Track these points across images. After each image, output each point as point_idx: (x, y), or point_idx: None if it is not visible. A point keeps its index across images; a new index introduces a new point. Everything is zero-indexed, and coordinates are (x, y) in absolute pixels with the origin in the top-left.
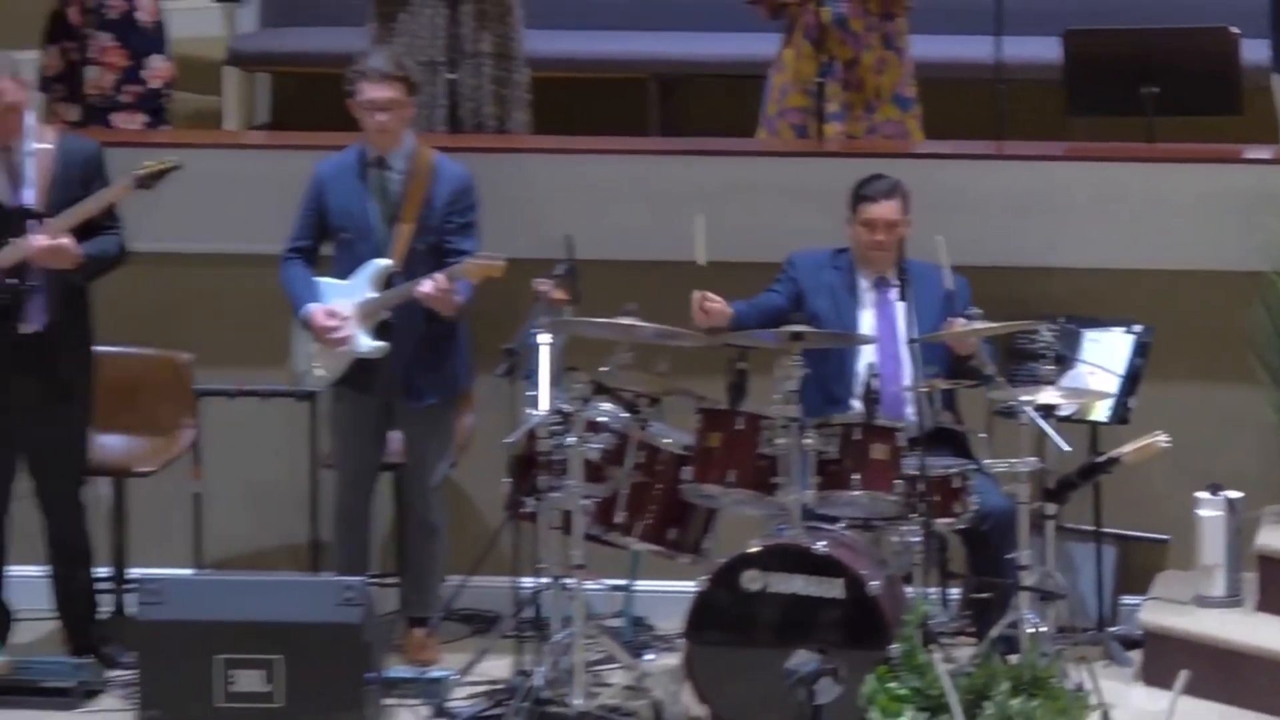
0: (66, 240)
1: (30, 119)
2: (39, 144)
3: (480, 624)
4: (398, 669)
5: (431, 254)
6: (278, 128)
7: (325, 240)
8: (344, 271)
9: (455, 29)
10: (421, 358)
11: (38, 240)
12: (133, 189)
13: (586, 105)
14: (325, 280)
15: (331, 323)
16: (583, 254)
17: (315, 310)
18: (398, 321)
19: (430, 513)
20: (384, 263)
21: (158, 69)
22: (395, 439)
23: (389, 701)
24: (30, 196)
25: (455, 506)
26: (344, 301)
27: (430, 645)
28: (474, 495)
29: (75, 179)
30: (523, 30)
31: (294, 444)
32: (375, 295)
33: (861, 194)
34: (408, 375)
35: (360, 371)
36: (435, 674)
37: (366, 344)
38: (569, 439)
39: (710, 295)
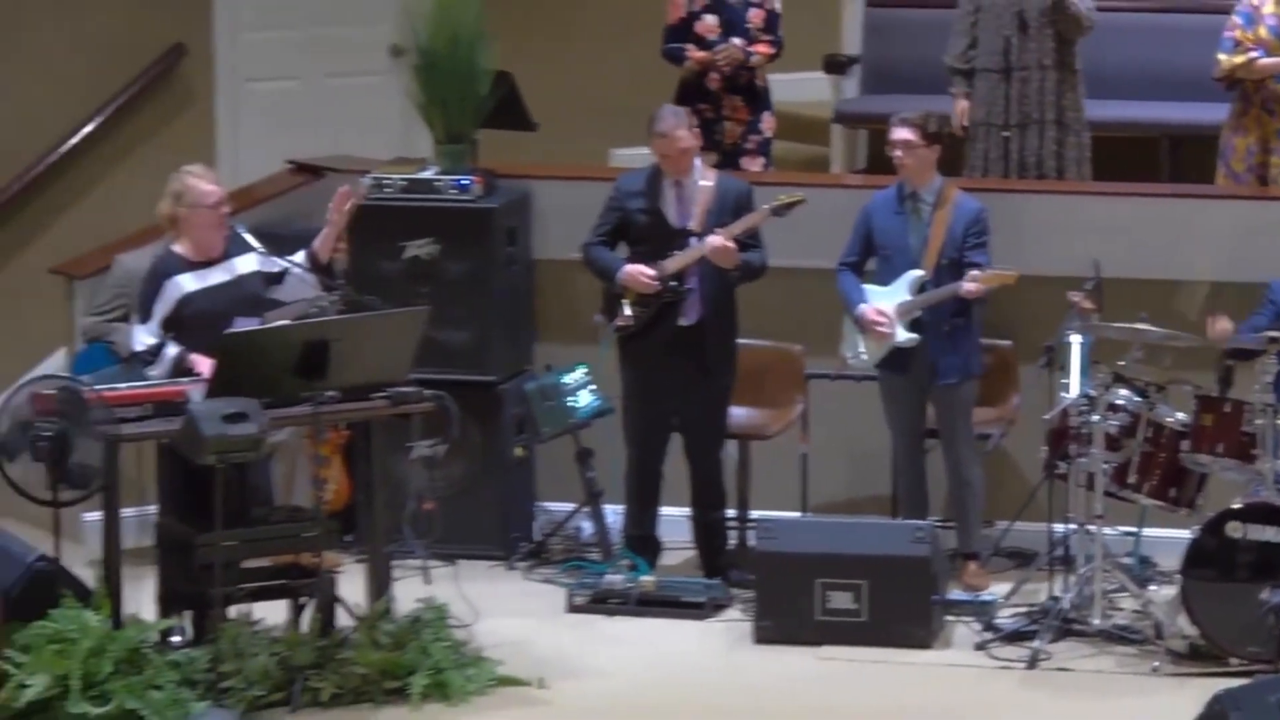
0: (732, 243)
1: (698, 161)
2: (703, 181)
3: (1021, 559)
4: (956, 593)
5: (952, 267)
6: (872, 173)
7: (870, 256)
8: (884, 280)
9: (1024, 100)
10: (943, 347)
11: (713, 239)
12: (769, 216)
13: (1112, 157)
14: (869, 286)
15: (880, 319)
16: (1107, 273)
17: (866, 309)
18: (927, 319)
19: (961, 468)
20: (918, 273)
21: (769, 122)
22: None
23: (949, 618)
24: (691, 221)
25: (1003, 467)
26: (886, 303)
27: (981, 575)
28: (1018, 459)
29: (728, 210)
30: (1083, 103)
31: (880, 416)
32: (911, 298)
33: None
34: (933, 360)
35: (896, 357)
36: (985, 598)
37: (904, 336)
38: (1094, 417)
39: (1224, 317)
